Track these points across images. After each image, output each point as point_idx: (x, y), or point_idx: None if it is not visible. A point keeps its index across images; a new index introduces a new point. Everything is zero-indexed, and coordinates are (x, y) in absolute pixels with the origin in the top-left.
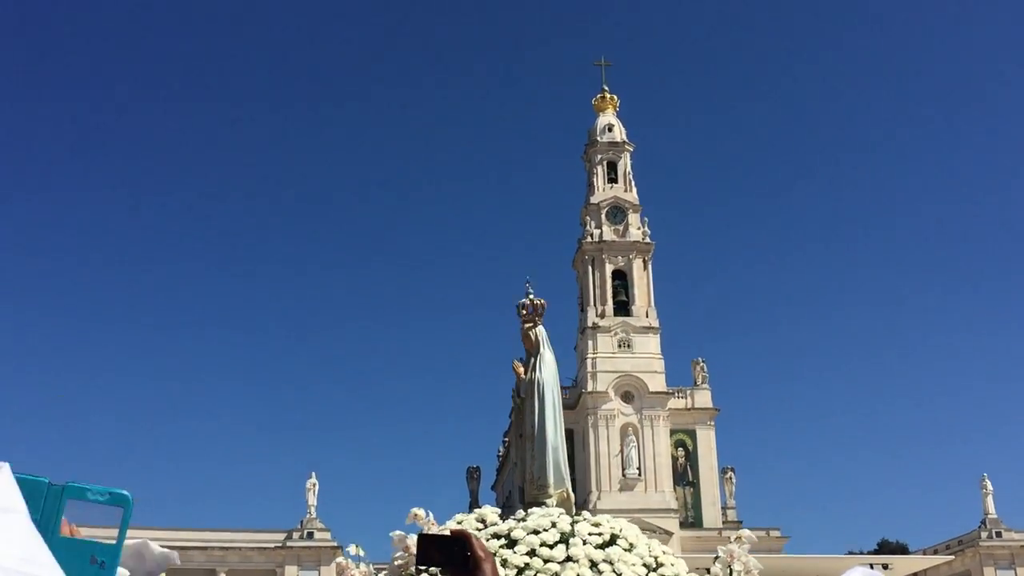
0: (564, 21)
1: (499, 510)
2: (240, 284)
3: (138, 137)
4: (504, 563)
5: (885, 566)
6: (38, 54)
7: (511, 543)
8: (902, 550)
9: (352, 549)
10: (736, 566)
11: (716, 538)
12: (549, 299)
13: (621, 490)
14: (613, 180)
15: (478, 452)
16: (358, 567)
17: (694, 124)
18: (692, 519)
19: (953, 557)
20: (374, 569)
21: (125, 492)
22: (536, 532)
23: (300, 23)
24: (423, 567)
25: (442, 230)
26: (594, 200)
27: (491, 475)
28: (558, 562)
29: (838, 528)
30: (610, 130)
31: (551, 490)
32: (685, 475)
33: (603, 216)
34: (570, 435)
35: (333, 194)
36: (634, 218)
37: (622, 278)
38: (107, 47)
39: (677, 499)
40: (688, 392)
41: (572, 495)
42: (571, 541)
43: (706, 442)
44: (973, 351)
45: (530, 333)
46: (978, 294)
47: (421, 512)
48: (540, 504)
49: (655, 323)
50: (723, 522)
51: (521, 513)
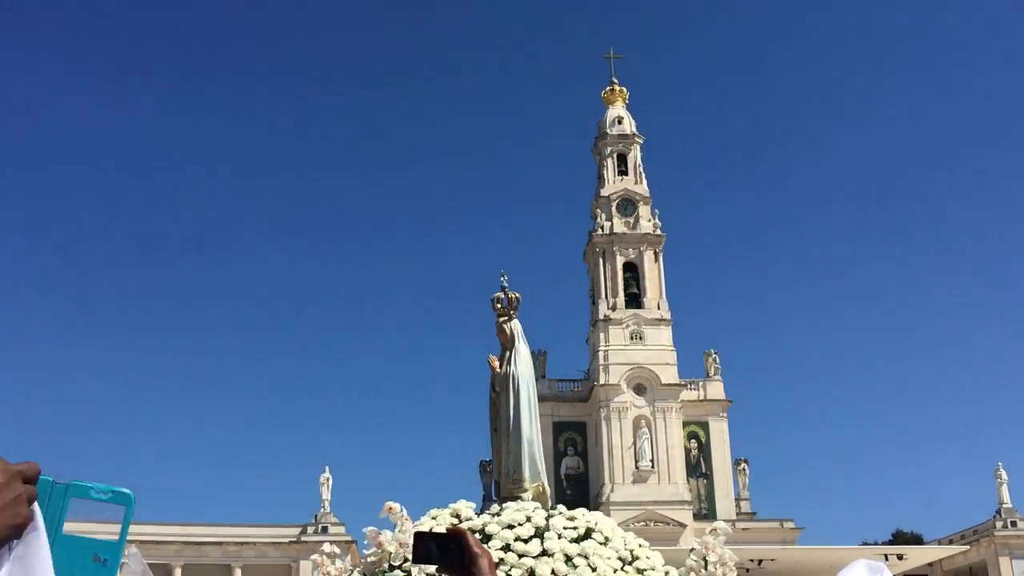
0: (572, 14)
1: (474, 504)
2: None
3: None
4: None
5: (900, 556)
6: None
7: (486, 538)
8: (917, 540)
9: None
10: (711, 557)
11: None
12: (560, 292)
13: (634, 482)
14: (623, 172)
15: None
16: (334, 563)
17: (704, 115)
18: (706, 511)
19: (968, 547)
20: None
21: (127, 490)
22: (511, 527)
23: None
24: (419, 564)
25: (452, 224)
26: (604, 192)
27: None
28: (533, 557)
29: (852, 519)
30: (620, 122)
31: (527, 484)
32: (698, 467)
33: (613, 208)
34: (582, 428)
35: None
36: (644, 210)
37: (633, 270)
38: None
39: (690, 491)
40: (700, 384)
41: (548, 489)
42: (546, 535)
43: (719, 434)
44: (987, 341)
45: (505, 327)
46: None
47: (396, 506)
48: (516, 498)
49: (667, 315)
50: (737, 514)
51: (496, 508)
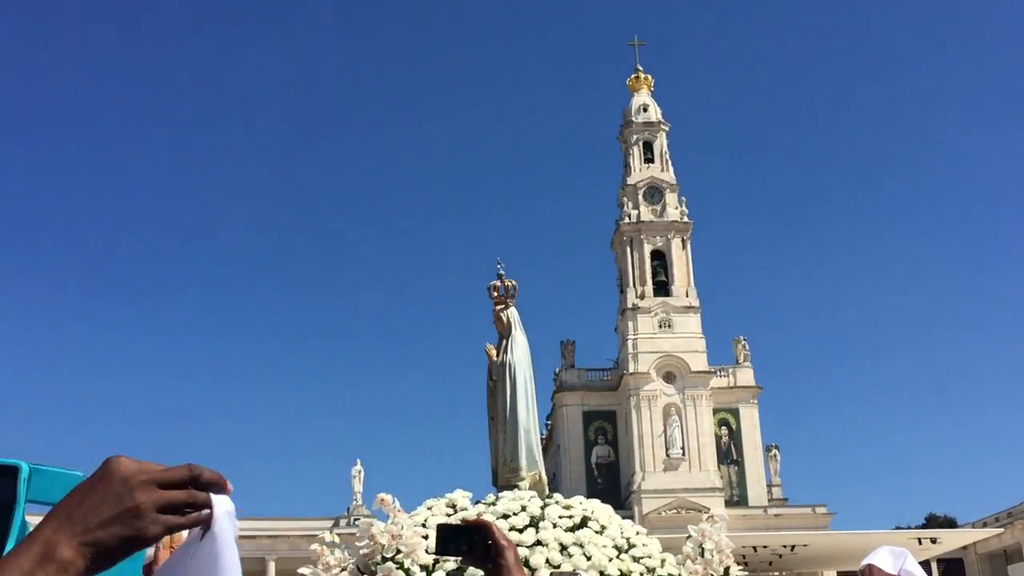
0: (597, 2)
1: (470, 494)
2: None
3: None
4: None
5: (934, 540)
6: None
7: None
8: (950, 524)
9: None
10: (708, 545)
11: (762, 516)
12: (588, 282)
13: (665, 470)
14: (649, 160)
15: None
16: (333, 553)
17: (729, 101)
18: (737, 498)
19: (1002, 530)
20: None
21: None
22: (505, 516)
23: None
24: (443, 556)
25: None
26: (631, 181)
27: None
28: (527, 546)
29: (885, 503)
30: (645, 110)
31: (523, 473)
32: (729, 454)
33: (640, 196)
34: (612, 417)
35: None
36: (671, 198)
37: (661, 258)
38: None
39: (721, 478)
40: (730, 371)
41: (545, 478)
42: (541, 525)
43: (749, 420)
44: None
45: (502, 315)
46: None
47: (387, 498)
48: (513, 487)
49: (695, 302)
50: (768, 500)
51: (491, 497)
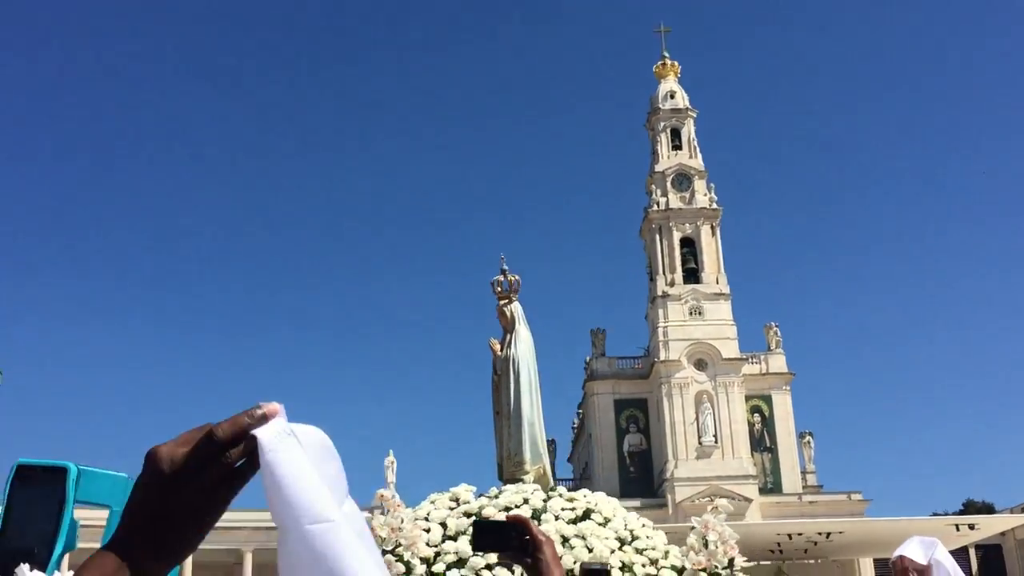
0: None
1: (474, 488)
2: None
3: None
4: None
5: (971, 526)
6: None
7: None
8: (988, 510)
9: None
10: (711, 536)
11: (796, 503)
12: (617, 270)
13: (698, 458)
14: (677, 147)
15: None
16: None
17: (757, 85)
18: (771, 485)
19: None
20: None
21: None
22: (508, 509)
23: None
24: (481, 552)
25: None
26: (659, 168)
27: (567, 447)
28: None
29: (922, 490)
30: (672, 97)
31: (527, 466)
32: (762, 441)
33: (668, 184)
34: (644, 405)
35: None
36: (700, 184)
37: (690, 245)
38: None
39: (755, 465)
40: (762, 357)
41: (549, 471)
42: (543, 517)
43: (783, 407)
44: None
45: (505, 310)
46: None
47: (387, 493)
48: (517, 481)
49: (725, 289)
50: (803, 487)
51: (495, 491)
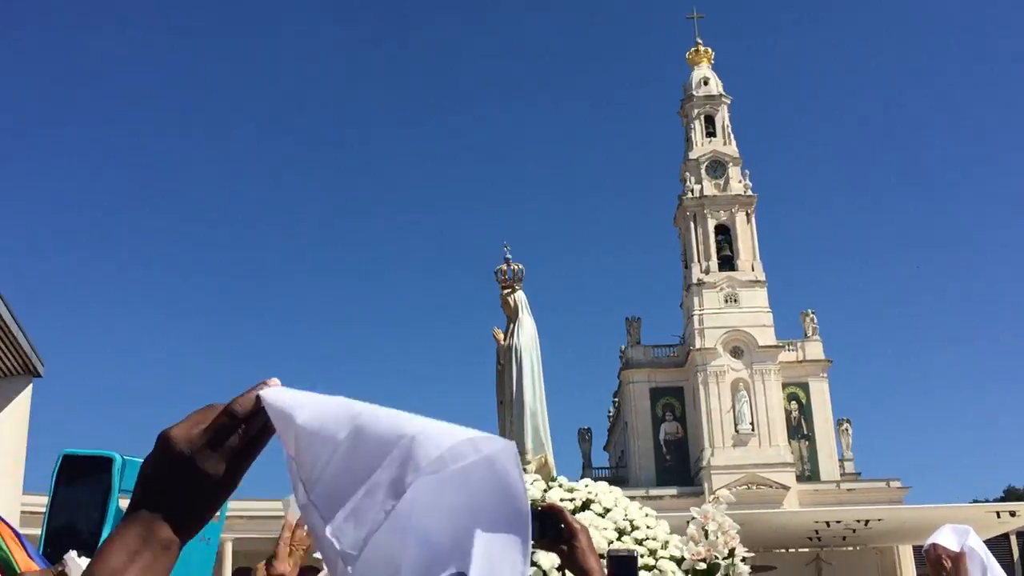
0: None
1: None
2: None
3: None
4: None
5: (1012, 513)
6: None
7: None
8: None
9: None
10: (711, 527)
11: (834, 491)
12: (652, 258)
13: (735, 446)
14: (711, 134)
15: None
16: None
17: (791, 71)
18: (809, 473)
19: None
20: None
21: None
22: None
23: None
24: None
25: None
26: (693, 155)
27: (602, 436)
28: None
29: (962, 477)
30: (706, 83)
31: (529, 456)
32: (799, 428)
33: (703, 171)
34: (680, 393)
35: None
36: (734, 171)
37: (725, 232)
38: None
39: (792, 453)
40: (799, 344)
41: (551, 461)
42: None
43: (820, 394)
44: None
45: (509, 299)
46: None
47: None
48: None
49: (761, 276)
50: (841, 474)
51: None
